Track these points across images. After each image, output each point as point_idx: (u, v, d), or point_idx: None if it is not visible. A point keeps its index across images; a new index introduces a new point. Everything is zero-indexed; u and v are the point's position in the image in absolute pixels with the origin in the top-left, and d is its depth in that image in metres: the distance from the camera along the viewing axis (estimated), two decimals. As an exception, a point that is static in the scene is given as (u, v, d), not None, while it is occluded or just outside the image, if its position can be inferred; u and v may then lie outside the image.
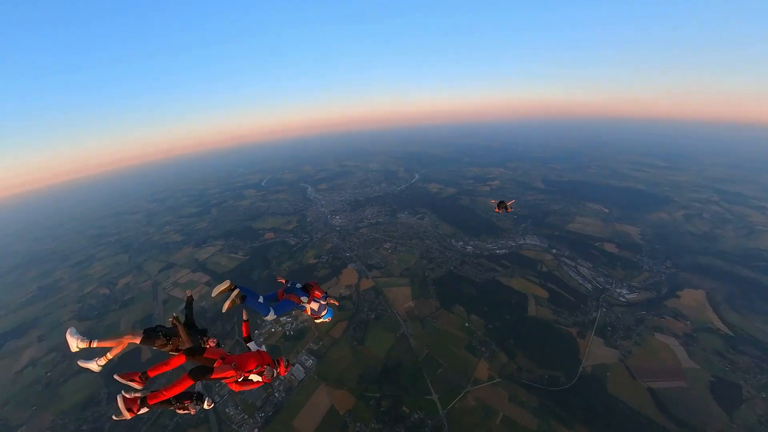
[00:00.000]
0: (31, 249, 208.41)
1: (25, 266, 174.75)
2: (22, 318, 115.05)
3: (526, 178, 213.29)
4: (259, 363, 9.28)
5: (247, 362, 9.05)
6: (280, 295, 11.53)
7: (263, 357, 9.65)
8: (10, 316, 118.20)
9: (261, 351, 10.09)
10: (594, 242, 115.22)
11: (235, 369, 8.62)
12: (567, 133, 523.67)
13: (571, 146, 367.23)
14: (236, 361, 8.90)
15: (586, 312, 79.25)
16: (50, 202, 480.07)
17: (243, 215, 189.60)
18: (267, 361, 9.58)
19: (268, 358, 9.71)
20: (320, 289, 12.43)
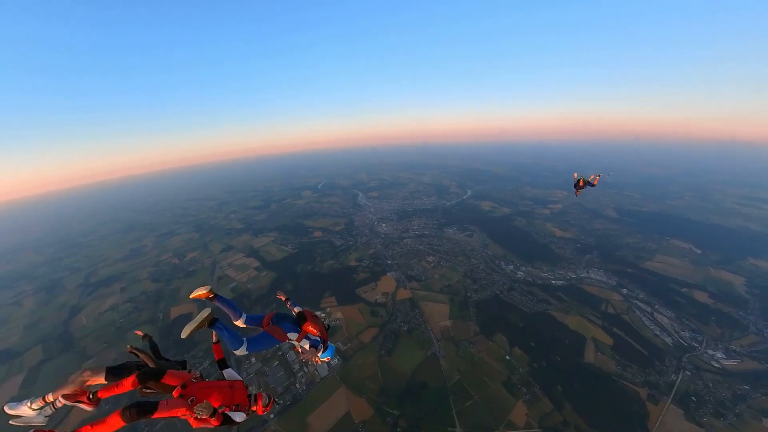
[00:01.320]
0: (132, 219, 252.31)
1: (125, 232, 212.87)
2: (114, 271, 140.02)
3: (596, 204, 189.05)
4: (227, 401, 7.00)
5: (212, 398, 6.86)
6: (266, 322, 9.38)
7: (234, 393, 7.35)
8: (106, 268, 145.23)
9: (236, 382, 7.77)
10: (679, 287, 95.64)
11: (189, 406, 6.49)
12: (652, 157, 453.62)
13: (654, 172, 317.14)
14: (196, 394, 6.78)
15: (663, 372, 64.99)
16: (150, 186, 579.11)
17: (297, 213, 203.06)
18: (238, 399, 7.25)
19: (240, 396, 7.40)
20: (317, 325, 9.59)
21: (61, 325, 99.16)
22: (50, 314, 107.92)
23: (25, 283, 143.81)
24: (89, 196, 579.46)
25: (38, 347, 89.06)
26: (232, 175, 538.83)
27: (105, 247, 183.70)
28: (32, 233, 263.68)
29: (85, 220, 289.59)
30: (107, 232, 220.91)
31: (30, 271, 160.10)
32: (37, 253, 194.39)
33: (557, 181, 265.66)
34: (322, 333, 9.56)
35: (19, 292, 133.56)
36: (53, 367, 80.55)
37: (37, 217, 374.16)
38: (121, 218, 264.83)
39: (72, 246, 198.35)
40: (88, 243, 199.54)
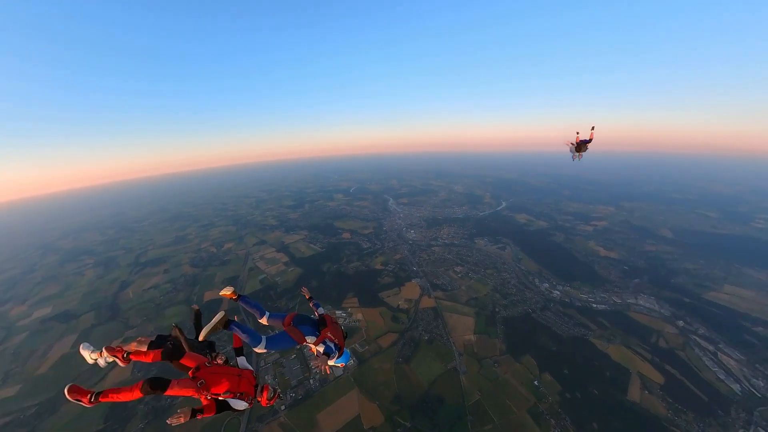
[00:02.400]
0: (179, 210, 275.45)
1: (172, 220, 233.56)
2: (160, 254, 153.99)
3: (647, 222, 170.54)
4: (233, 388, 7.51)
5: (219, 383, 7.39)
6: (287, 322, 9.62)
7: (241, 382, 7.80)
8: (153, 251, 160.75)
9: (246, 372, 8.21)
10: (752, 325, 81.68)
11: (198, 388, 7.13)
12: (716, 173, 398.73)
13: (719, 189, 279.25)
14: (206, 378, 7.35)
15: (728, 425, 55.06)
16: (196, 182, 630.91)
17: (329, 214, 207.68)
18: (244, 388, 7.73)
19: (246, 385, 7.84)
20: (336, 331, 9.78)
21: (112, 297, 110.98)
22: (105, 286, 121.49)
23: (88, 257, 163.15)
24: (144, 188, 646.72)
25: (91, 313, 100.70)
26: (270, 176, 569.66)
27: (154, 232, 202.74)
28: (97, 217, 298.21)
29: (137, 208, 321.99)
30: (157, 220, 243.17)
31: (92, 248, 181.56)
32: (99, 234, 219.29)
33: (602, 196, 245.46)
34: (339, 340, 9.66)
35: (82, 265, 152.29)
36: (102, 332, 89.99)
37: (100, 203, 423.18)
38: (170, 209, 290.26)
39: (127, 230, 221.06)
40: (141, 228, 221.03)
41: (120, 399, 6.56)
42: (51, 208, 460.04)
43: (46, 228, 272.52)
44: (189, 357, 7.98)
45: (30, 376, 72.85)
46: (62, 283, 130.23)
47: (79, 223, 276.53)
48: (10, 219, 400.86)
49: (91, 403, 6.47)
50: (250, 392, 7.75)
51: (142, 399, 62.97)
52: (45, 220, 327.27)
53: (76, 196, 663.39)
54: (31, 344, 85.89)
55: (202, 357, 8.14)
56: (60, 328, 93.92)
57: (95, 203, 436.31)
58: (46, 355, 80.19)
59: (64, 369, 74.50)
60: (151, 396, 6.87)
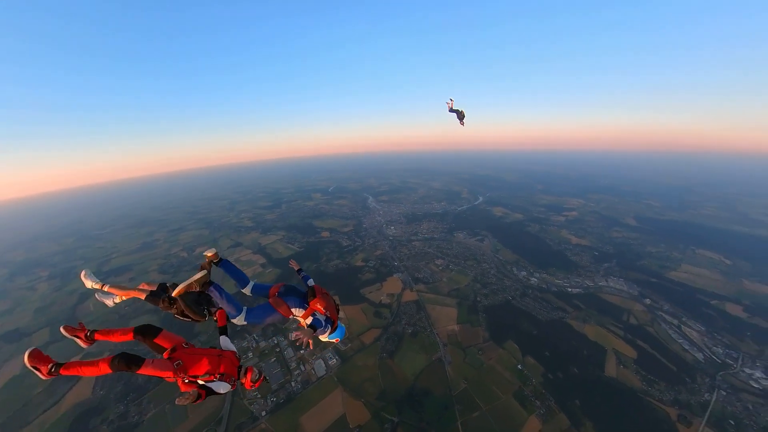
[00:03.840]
0: (145, 216, 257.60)
1: (138, 226, 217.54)
2: (125, 261, 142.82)
3: (614, 212, 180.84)
4: (213, 369, 6.76)
5: (198, 364, 6.72)
6: (272, 293, 8.78)
7: (222, 362, 7.02)
8: (117, 259, 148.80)
9: (227, 353, 7.42)
10: (709, 299, 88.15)
11: (175, 369, 6.46)
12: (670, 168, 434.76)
13: (673, 182, 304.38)
14: (183, 358, 6.67)
15: (695, 390, 58.60)
16: (164, 185, 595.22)
17: (307, 213, 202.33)
18: (224, 369, 6.93)
19: (228, 366, 7.05)
20: (327, 302, 8.69)
21: (69, 310, 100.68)
22: (61, 299, 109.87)
23: (41, 270, 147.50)
24: (107, 193, 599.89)
25: (46, 329, 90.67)
26: (244, 178, 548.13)
27: (118, 240, 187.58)
28: (53, 226, 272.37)
29: (100, 215, 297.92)
30: (121, 227, 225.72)
31: (47, 259, 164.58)
32: (55, 243, 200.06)
33: (572, 189, 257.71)
34: (331, 313, 8.72)
35: (35, 278, 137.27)
36: (57, 349, 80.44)
37: (57, 211, 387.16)
38: (136, 214, 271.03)
39: (88, 238, 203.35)
40: (103, 236, 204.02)
41: (85, 373, 5.73)
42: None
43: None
44: (165, 336, 7.18)
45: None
46: (11, 299, 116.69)
47: (32, 233, 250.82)
48: None
49: (50, 374, 5.72)
50: (232, 373, 7.01)
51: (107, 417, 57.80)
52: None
53: (27, 205, 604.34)
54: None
55: (178, 337, 7.38)
56: (8, 349, 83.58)
57: (50, 211, 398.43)
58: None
59: (13, 393, 65.88)
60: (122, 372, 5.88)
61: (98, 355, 6.08)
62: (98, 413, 58.98)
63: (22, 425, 57.72)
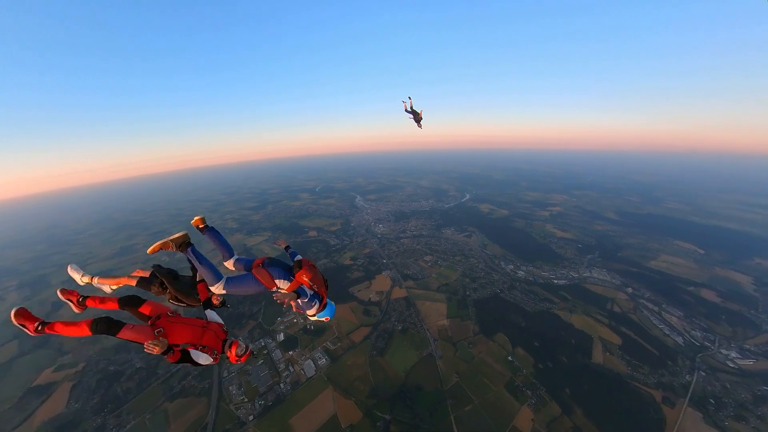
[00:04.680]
0: (125, 219, 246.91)
1: (117, 230, 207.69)
2: (102, 267, 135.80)
3: (596, 207, 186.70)
4: (195, 340, 6.55)
5: (180, 333, 6.53)
6: (256, 264, 7.98)
7: (205, 333, 6.78)
8: (95, 264, 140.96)
9: (212, 325, 7.14)
10: (686, 286, 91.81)
11: (155, 337, 6.20)
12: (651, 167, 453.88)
13: (652, 180, 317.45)
14: (165, 326, 6.50)
15: (676, 372, 60.57)
16: (145, 188, 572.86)
17: (293, 213, 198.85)
18: (207, 341, 6.68)
19: (211, 338, 6.79)
20: (313, 276, 7.78)
21: None
22: (33, 307, 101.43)
23: (9, 279, 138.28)
24: (83, 197, 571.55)
25: (14, 342, 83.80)
26: (229, 179, 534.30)
27: (95, 244, 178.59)
28: (23, 231, 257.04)
29: (77, 219, 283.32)
30: (98, 231, 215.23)
31: (16, 267, 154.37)
32: (25, 250, 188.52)
33: (556, 186, 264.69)
34: (319, 287, 7.93)
35: (3, 288, 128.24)
36: (26, 362, 75.37)
37: (28, 216, 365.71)
38: (114, 218, 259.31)
39: (62, 243, 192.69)
40: (79, 241, 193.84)
41: (68, 333, 6.12)
42: None
43: None
44: (150, 305, 7.13)
45: None
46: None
47: (1, 240, 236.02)
48: None
49: (37, 332, 6.13)
50: (216, 346, 6.75)
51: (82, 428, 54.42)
52: None
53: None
54: None
55: (164, 307, 7.29)
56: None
57: (21, 217, 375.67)
58: None
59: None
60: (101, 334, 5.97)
61: None
62: (73, 427, 55.45)
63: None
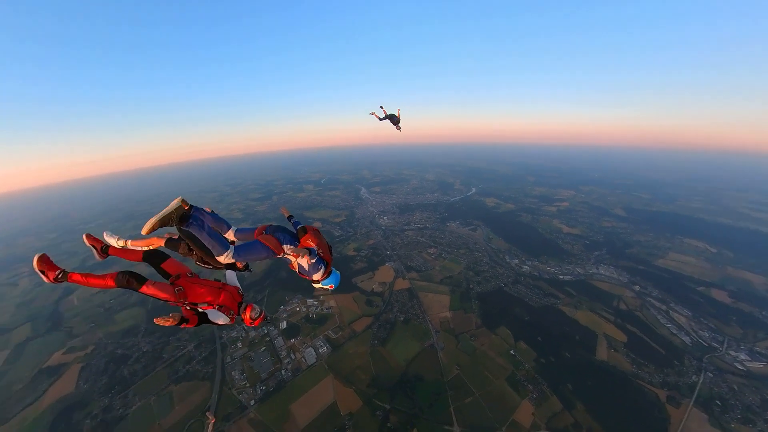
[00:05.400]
0: (132, 209, 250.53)
1: (124, 220, 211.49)
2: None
3: (603, 203, 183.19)
4: (212, 300, 6.84)
5: (198, 293, 6.75)
6: (259, 231, 7.85)
7: (222, 294, 7.06)
8: None
9: (230, 287, 7.34)
10: (696, 285, 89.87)
11: (176, 294, 6.47)
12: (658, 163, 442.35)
13: (663, 177, 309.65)
14: (185, 286, 6.66)
15: (682, 372, 59.49)
16: (152, 179, 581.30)
17: (298, 204, 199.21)
18: (225, 301, 7.01)
19: (228, 299, 7.10)
20: (319, 241, 7.79)
21: (52, 305, 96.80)
22: (44, 294, 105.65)
23: (23, 266, 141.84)
24: (93, 188, 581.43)
25: (27, 325, 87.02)
26: (235, 170, 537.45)
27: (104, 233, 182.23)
28: (35, 221, 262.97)
29: (86, 209, 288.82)
30: (106, 221, 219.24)
31: (29, 255, 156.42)
32: (37, 239, 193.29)
33: (563, 181, 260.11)
34: (324, 252, 7.89)
35: (16, 274, 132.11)
36: (38, 345, 77.65)
37: (39, 207, 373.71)
38: (123, 208, 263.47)
39: (72, 232, 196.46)
40: (89, 230, 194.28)
41: (89, 284, 6.05)
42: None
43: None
44: (172, 264, 7.19)
45: None
46: None
47: (13, 229, 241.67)
48: None
49: (57, 280, 6.04)
50: (232, 307, 7.08)
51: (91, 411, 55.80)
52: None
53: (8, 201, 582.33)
54: None
55: (185, 267, 7.37)
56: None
57: (33, 207, 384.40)
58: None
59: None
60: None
61: None
62: (82, 407, 56.87)
63: (3, 422, 55.35)
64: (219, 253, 6.65)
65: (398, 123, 25.10)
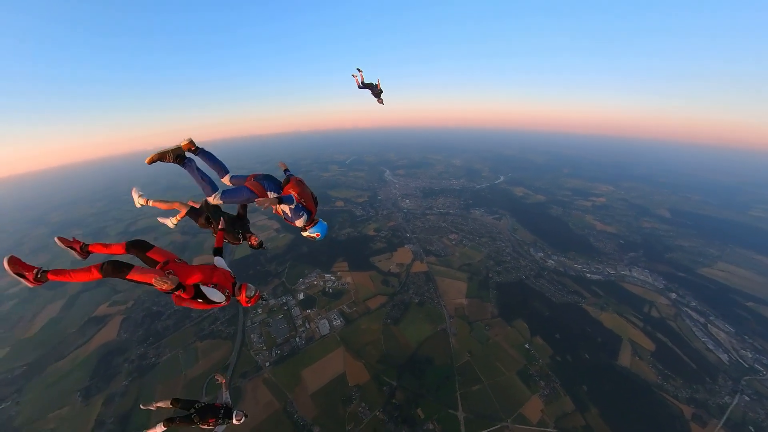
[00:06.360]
0: (171, 182, 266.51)
1: (164, 191, 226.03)
2: (150, 223, 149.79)
3: (645, 202, 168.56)
4: (206, 280, 6.66)
5: (190, 276, 6.52)
6: (250, 178, 8.53)
7: (215, 273, 6.99)
8: (144, 221, 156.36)
9: (221, 270, 7.31)
10: (744, 300, 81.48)
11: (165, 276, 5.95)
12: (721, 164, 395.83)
13: (722, 179, 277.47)
14: (176, 269, 6.43)
15: (714, 392, 54.91)
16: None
17: (323, 184, 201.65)
18: (218, 280, 6.91)
19: (220, 278, 7.02)
20: (301, 190, 8.34)
21: None
22: (94, 255, 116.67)
23: (77, 229, 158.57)
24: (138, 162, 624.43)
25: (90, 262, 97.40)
26: (264, 149, 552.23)
27: None
28: (86, 191, 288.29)
29: (132, 181, 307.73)
30: (148, 192, 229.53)
31: (82, 220, 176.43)
32: (88, 206, 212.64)
33: (601, 175, 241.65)
34: (307, 202, 8.40)
35: (71, 236, 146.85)
36: (87, 297, 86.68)
37: (92, 177, 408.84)
38: (162, 182, 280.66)
39: (118, 201, 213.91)
40: (132, 200, 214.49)
41: (74, 279, 5.77)
42: (42, 184, 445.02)
43: (36, 203, 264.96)
44: (157, 252, 7.13)
45: (18, 340, 71.33)
46: (51, 253, 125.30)
47: (70, 197, 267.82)
48: (1, 195, 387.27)
49: (37, 281, 5.66)
50: (227, 286, 7.04)
51: (129, 357, 62.02)
52: (35, 195, 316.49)
53: (66, 172, 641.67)
54: (20, 310, 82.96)
55: (171, 254, 7.29)
56: (47, 295, 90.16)
57: (85, 178, 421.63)
58: (33, 320, 77.87)
59: (51, 332, 72.94)
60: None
61: None
62: (121, 353, 63.39)
63: (58, 359, 64.00)
64: (208, 193, 7.23)
65: (380, 95, 22.72)
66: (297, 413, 48.93)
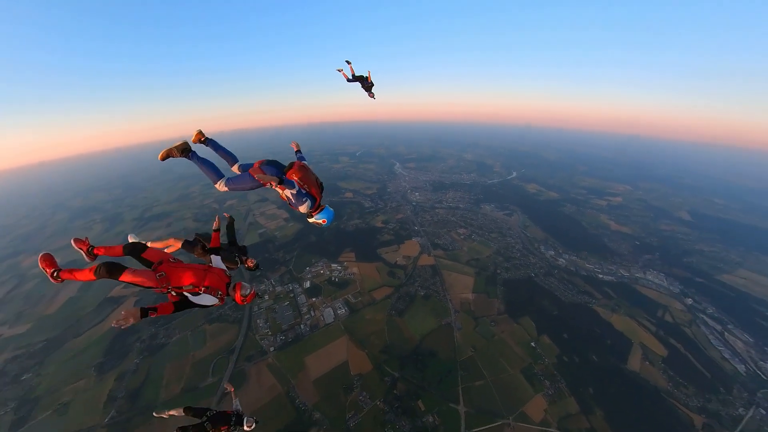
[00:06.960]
0: (184, 172, 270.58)
1: (177, 180, 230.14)
2: (164, 210, 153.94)
3: (665, 203, 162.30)
4: (197, 282, 6.44)
5: (182, 276, 6.48)
6: (255, 165, 8.60)
7: (208, 275, 6.72)
8: (158, 207, 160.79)
9: (215, 268, 7.19)
10: (765, 310, 77.97)
11: (158, 280, 6.29)
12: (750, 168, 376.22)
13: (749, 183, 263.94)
14: (168, 271, 6.45)
15: (728, 402, 52.87)
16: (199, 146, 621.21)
17: (332, 175, 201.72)
18: (211, 282, 6.61)
19: (214, 279, 6.73)
20: (303, 175, 8.29)
21: None
22: (110, 238, 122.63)
23: (96, 214, 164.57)
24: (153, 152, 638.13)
25: (96, 262, 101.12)
26: (275, 140, 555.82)
27: (160, 191, 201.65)
28: (103, 179, 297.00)
29: (146, 170, 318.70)
30: (162, 181, 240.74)
31: (100, 206, 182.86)
32: (105, 193, 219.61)
33: (619, 174, 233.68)
34: (310, 187, 8.37)
35: (90, 220, 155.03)
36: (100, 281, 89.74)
37: (110, 166, 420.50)
38: (176, 170, 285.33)
39: (134, 189, 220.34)
40: (147, 188, 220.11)
41: (78, 278, 6.08)
42: (62, 172, 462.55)
43: (57, 189, 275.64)
44: (152, 251, 7.24)
45: (39, 316, 75.21)
46: (71, 237, 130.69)
47: (88, 184, 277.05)
48: (24, 182, 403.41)
49: (53, 277, 6.09)
50: (219, 287, 6.84)
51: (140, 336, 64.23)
52: (56, 183, 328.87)
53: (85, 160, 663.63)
54: (41, 289, 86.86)
55: (166, 254, 7.39)
56: None
57: (101, 166, 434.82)
58: (54, 299, 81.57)
59: (70, 311, 76.61)
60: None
61: None
62: (134, 333, 65.64)
63: (76, 336, 67.14)
64: (214, 181, 7.67)
65: (371, 89, 21.52)
66: (299, 398, 49.67)
